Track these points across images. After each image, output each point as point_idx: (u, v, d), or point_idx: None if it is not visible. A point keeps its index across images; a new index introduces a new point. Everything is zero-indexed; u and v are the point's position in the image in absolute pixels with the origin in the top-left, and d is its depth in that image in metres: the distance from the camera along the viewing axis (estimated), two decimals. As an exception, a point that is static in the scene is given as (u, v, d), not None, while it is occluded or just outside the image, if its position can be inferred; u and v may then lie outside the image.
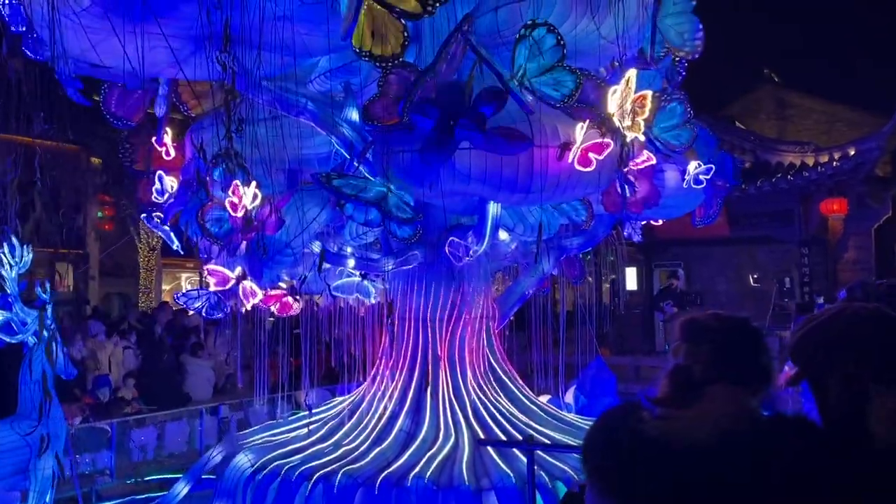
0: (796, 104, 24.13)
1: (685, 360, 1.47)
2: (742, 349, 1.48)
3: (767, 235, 14.68)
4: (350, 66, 5.51)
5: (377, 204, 4.43)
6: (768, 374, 1.46)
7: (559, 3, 4.96)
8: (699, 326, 1.50)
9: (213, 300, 6.38)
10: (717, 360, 1.44)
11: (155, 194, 6.01)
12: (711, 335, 1.48)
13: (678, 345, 1.50)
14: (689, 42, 5.55)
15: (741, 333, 1.51)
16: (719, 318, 1.52)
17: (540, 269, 6.76)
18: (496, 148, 4.14)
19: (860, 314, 1.41)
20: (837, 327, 1.41)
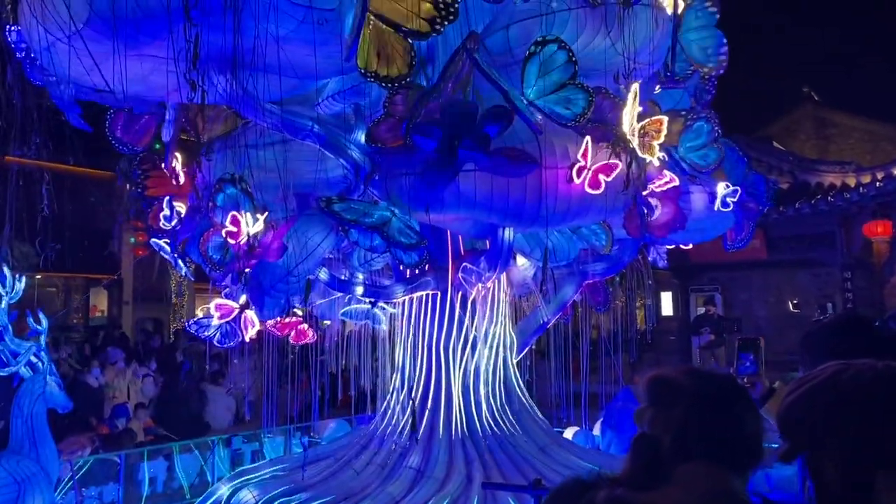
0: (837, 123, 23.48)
1: (652, 428, 1.19)
2: (723, 416, 1.18)
3: (808, 259, 14.12)
4: (359, 87, 5.35)
5: (379, 229, 4.22)
6: (756, 448, 1.17)
7: (571, 19, 4.74)
8: (669, 386, 1.22)
9: (224, 328, 6.23)
10: (692, 429, 1.16)
11: (163, 220, 5.91)
12: (684, 398, 1.19)
13: (643, 409, 1.23)
14: (712, 57, 5.28)
15: (722, 395, 1.21)
16: (695, 376, 1.23)
17: (561, 296, 6.48)
18: (500, 170, 3.92)
19: (865, 376, 1.10)
20: (834, 394, 1.11)
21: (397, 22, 4.43)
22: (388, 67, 4.47)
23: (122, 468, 6.11)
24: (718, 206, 6.13)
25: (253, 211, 4.85)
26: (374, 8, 4.45)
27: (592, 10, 4.70)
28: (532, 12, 4.85)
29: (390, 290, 5.41)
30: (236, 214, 4.70)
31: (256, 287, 4.80)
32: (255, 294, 4.87)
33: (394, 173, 4.33)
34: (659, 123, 4.43)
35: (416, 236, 4.33)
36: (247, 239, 4.67)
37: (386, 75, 4.46)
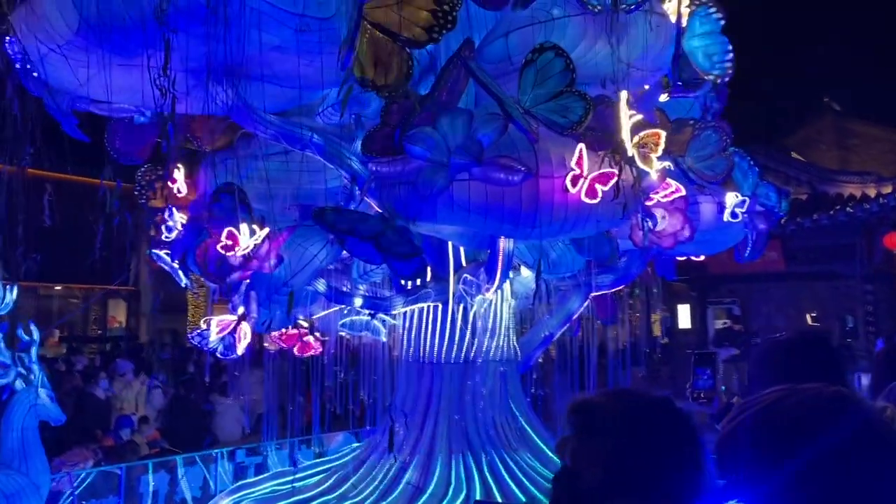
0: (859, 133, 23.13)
1: (575, 461, 1.06)
2: (655, 448, 1.06)
3: (828, 271, 13.83)
4: (359, 97, 5.31)
5: (374, 239, 4.15)
6: (695, 485, 1.05)
7: (571, 26, 4.66)
8: (594, 412, 1.09)
9: (228, 340, 6.18)
10: (620, 462, 1.03)
11: (164, 230, 5.89)
12: (612, 425, 1.07)
13: (565, 439, 1.10)
14: (718, 65, 5.16)
15: (657, 422, 1.09)
16: (624, 399, 1.10)
17: (566, 308, 6.36)
18: (492, 178, 3.83)
19: (805, 405, 0.98)
20: (770, 426, 0.99)
21: (394, 31, 4.39)
22: (385, 76, 4.41)
23: (122, 481, 6.07)
24: (728, 217, 5.99)
25: (250, 222, 4.81)
26: (371, 17, 4.40)
27: (593, 18, 4.62)
28: (531, 20, 4.78)
29: (389, 301, 5.33)
30: (232, 229, 4.65)
31: (252, 298, 4.75)
32: (251, 306, 4.81)
33: (388, 183, 4.26)
34: (657, 136, 4.31)
35: (411, 247, 4.24)
36: (243, 250, 4.62)
37: (383, 84, 4.41)
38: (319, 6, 4.29)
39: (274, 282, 4.72)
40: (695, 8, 4.98)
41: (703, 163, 5.93)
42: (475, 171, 3.82)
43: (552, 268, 5.63)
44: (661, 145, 4.29)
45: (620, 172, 3.96)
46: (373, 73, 4.42)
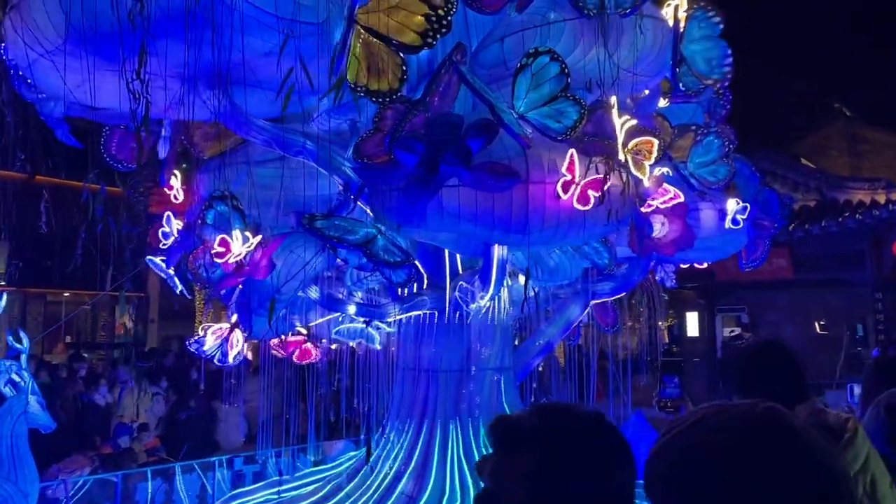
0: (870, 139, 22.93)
1: (495, 482, 0.99)
2: (581, 468, 0.99)
3: (837, 278, 13.65)
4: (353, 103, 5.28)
5: (364, 247, 4.10)
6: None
7: (567, 31, 4.61)
8: (516, 429, 1.03)
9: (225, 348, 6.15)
10: (545, 484, 0.96)
11: (161, 237, 5.87)
12: (536, 444, 0.99)
13: (483, 459, 1.04)
14: (717, 69, 5.09)
15: (585, 439, 1.02)
16: (550, 415, 1.03)
17: (566, 316, 6.29)
18: (482, 184, 3.77)
19: (730, 428, 0.91)
20: (690, 448, 0.92)
21: (388, 35, 4.35)
22: (378, 82, 4.38)
23: (118, 489, 6.03)
24: (729, 224, 5.91)
25: (244, 229, 4.77)
26: (364, 21, 4.37)
27: (589, 22, 4.57)
28: (527, 24, 4.73)
29: (384, 309, 5.28)
30: (225, 237, 4.61)
31: (244, 306, 4.71)
32: (244, 313, 4.78)
33: (379, 189, 4.21)
34: (650, 144, 4.24)
35: (401, 254, 4.19)
36: (236, 258, 4.59)
37: (376, 90, 4.37)
38: (310, 11, 4.26)
39: (266, 289, 4.68)
40: (693, 12, 4.92)
41: (705, 168, 5.87)
42: (465, 177, 3.77)
43: (550, 275, 5.56)
44: (654, 153, 4.23)
45: (607, 176, 3.89)
46: (366, 78, 4.39)
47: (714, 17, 4.96)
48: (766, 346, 2.08)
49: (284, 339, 6.63)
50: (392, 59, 4.35)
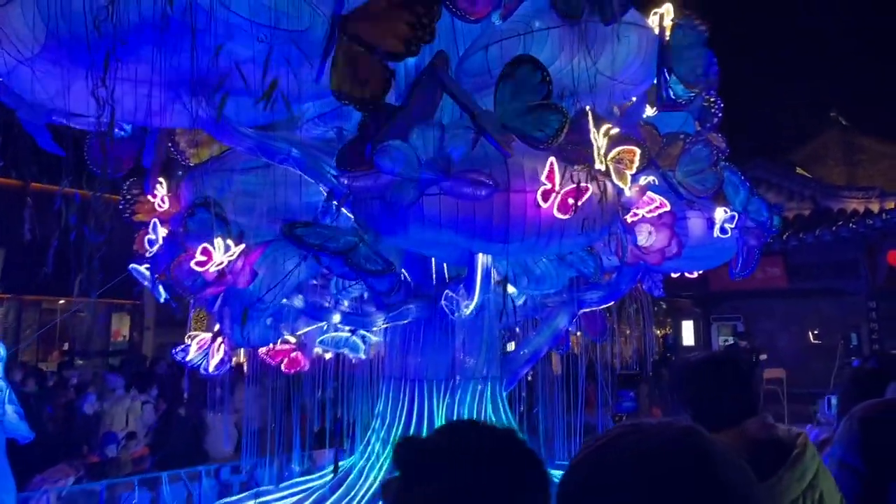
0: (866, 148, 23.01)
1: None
2: (491, 493, 0.93)
3: (831, 287, 13.63)
4: (341, 111, 5.26)
5: (345, 255, 4.07)
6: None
7: (551, 39, 4.60)
8: (422, 451, 0.98)
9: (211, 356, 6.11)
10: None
11: (146, 245, 5.84)
12: (443, 467, 0.95)
13: (388, 481, 0.99)
14: (702, 77, 5.07)
15: (492, 463, 0.96)
16: (460, 435, 0.99)
17: (555, 325, 6.26)
18: (460, 192, 3.75)
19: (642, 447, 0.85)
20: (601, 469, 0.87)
21: (372, 43, 4.33)
22: (362, 89, 4.36)
23: (102, 498, 5.98)
24: (717, 233, 5.89)
25: (227, 236, 4.75)
26: (348, 29, 4.36)
27: (573, 30, 4.55)
28: (511, 32, 4.73)
29: (370, 318, 5.24)
30: (207, 246, 4.58)
31: (226, 314, 4.68)
32: (225, 322, 4.74)
33: (361, 197, 4.19)
34: (632, 153, 4.22)
35: (383, 263, 4.16)
36: (217, 266, 4.55)
37: (361, 97, 4.35)
38: (291, 19, 4.24)
39: (248, 297, 4.65)
40: (678, 21, 4.90)
41: (693, 177, 5.85)
42: (444, 186, 3.74)
43: (536, 283, 5.53)
44: (636, 161, 4.20)
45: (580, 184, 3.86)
46: (350, 86, 4.36)
47: (699, 25, 4.94)
48: (717, 359, 2.04)
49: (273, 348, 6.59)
50: (376, 67, 4.33)
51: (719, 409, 1.86)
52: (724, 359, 2.03)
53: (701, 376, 1.93)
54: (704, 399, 1.89)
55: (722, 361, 2.00)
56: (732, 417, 1.83)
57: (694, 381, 1.93)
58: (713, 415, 1.85)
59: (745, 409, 1.86)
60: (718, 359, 2.03)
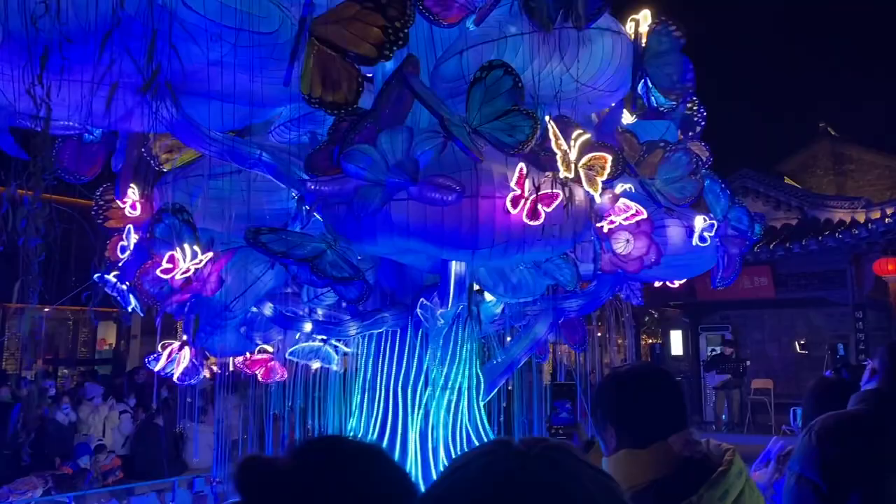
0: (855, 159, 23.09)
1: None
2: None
3: (818, 297, 13.60)
4: (314, 115, 5.18)
5: (310, 261, 3.98)
6: None
7: (525, 44, 4.54)
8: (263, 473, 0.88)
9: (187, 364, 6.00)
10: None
11: (119, 251, 5.74)
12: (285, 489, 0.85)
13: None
14: (678, 84, 5.02)
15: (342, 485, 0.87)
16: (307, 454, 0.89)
17: (533, 333, 6.18)
18: (426, 198, 3.67)
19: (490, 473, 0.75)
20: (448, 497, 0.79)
21: (343, 47, 4.27)
22: (333, 94, 4.28)
23: (69, 511, 5.86)
24: (696, 241, 5.83)
25: (194, 243, 4.65)
26: (319, 32, 4.29)
27: (547, 35, 4.50)
28: (485, 37, 4.67)
29: (343, 326, 5.15)
30: (174, 253, 4.49)
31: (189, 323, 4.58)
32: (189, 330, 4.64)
33: (330, 202, 4.11)
34: (604, 160, 4.15)
35: (350, 270, 4.08)
36: (183, 274, 4.46)
37: (331, 102, 4.28)
38: (260, 21, 4.17)
39: (214, 305, 4.55)
40: (654, 27, 4.86)
41: (673, 185, 5.79)
42: (411, 191, 3.67)
43: (513, 292, 5.45)
44: (607, 168, 4.13)
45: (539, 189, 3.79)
46: (321, 90, 4.29)
47: (675, 31, 4.90)
48: (643, 371, 1.96)
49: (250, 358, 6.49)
50: (347, 71, 4.26)
51: (645, 423, 1.78)
52: (651, 371, 1.95)
53: (626, 389, 1.85)
54: (629, 413, 1.81)
55: (648, 374, 1.92)
56: (658, 432, 1.75)
57: (619, 394, 1.85)
58: (638, 430, 1.77)
59: (672, 423, 1.78)
60: (645, 371, 1.94)
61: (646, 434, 1.75)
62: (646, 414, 1.78)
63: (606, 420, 1.82)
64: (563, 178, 3.89)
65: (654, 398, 1.80)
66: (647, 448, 1.73)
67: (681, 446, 1.72)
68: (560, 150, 3.92)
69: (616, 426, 1.80)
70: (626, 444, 1.76)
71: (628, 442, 1.77)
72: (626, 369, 1.91)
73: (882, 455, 1.94)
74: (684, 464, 1.69)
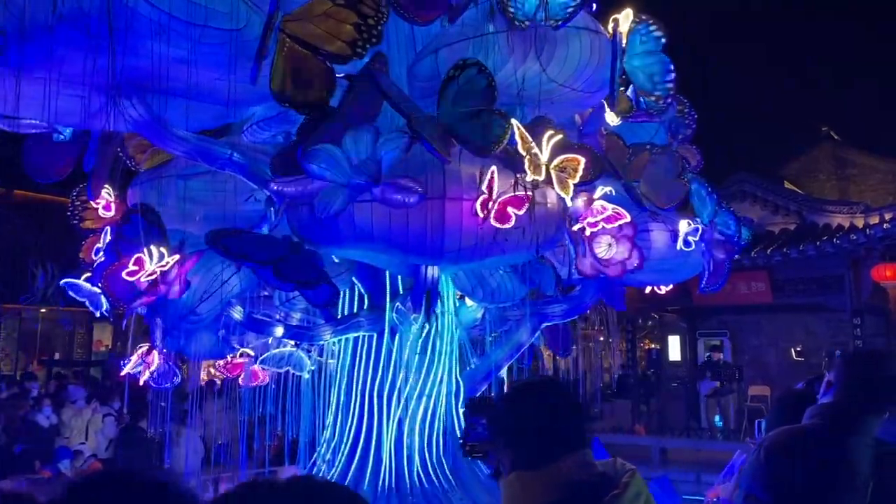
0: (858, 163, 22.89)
1: None
2: None
3: (817, 303, 13.43)
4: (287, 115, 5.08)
5: (272, 265, 3.87)
6: None
7: (501, 43, 4.42)
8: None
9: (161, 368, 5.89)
10: None
11: (93, 253, 5.64)
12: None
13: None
14: (659, 85, 4.89)
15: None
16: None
17: (515, 339, 6.05)
18: (388, 200, 3.55)
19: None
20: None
21: (315, 44, 4.17)
22: (304, 92, 4.18)
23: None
24: (681, 245, 5.71)
25: (162, 244, 4.55)
26: (290, 30, 4.19)
27: (523, 34, 4.39)
28: (461, 36, 4.56)
29: (317, 331, 5.04)
30: (140, 255, 4.39)
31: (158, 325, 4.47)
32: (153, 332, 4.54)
33: (295, 204, 4.00)
34: (576, 161, 4.02)
35: (314, 273, 3.96)
36: (148, 276, 4.35)
37: (303, 101, 4.18)
38: (227, 17, 4.07)
39: (180, 308, 4.44)
40: (634, 25, 4.73)
41: (658, 188, 5.68)
42: (374, 193, 3.56)
43: (492, 296, 5.33)
44: (579, 171, 4.00)
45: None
46: (292, 88, 4.19)
47: (656, 30, 4.77)
48: (535, 389, 1.83)
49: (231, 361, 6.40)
50: (319, 69, 4.16)
51: (535, 445, 1.66)
52: (544, 387, 1.82)
53: (516, 408, 1.73)
54: (520, 434, 1.69)
55: (540, 390, 1.79)
56: (550, 454, 1.63)
57: (509, 413, 1.73)
58: (528, 452, 1.66)
59: (565, 444, 1.65)
60: (537, 387, 1.81)
61: (537, 456, 1.64)
62: (537, 434, 1.66)
63: (500, 441, 1.71)
64: (533, 180, 3.76)
65: (546, 417, 1.68)
66: (538, 471, 1.62)
67: (571, 469, 1.61)
68: (528, 153, 3.79)
69: (508, 447, 1.69)
70: (519, 466, 1.65)
71: (521, 464, 1.66)
72: (519, 386, 1.80)
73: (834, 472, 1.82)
74: (577, 487, 1.58)
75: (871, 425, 2.00)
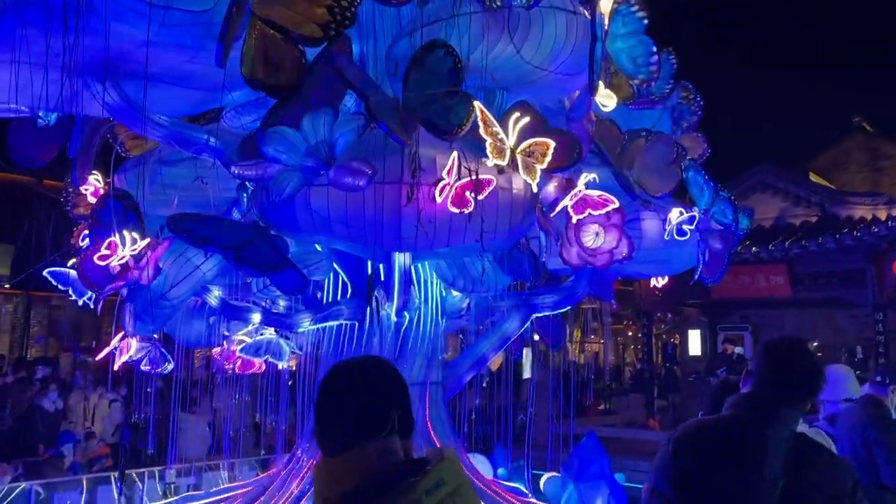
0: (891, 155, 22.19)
1: None
2: None
3: (838, 297, 13.05)
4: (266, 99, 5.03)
5: (233, 249, 3.82)
6: None
7: (475, 24, 4.31)
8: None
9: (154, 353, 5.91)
10: None
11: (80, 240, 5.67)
12: None
13: None
14: (643, 67, 4.73)
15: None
16: None
17: (503, 330, 5.94)
18: (340, 183, 3.48)
19: None
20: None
21: (286, 27, 4.10)
22: (276, 76, 4.12)
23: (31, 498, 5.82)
24: (672, 234, 5.54)
25: (137, 229, 4.54)
26: (261, 12, 4.12)
27: (496, 15, 4.27)
28: (435, 17, 4.46)
29: (295, 319, 4.99)
30: (113, 239, 4.38)
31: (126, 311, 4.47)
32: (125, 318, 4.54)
33: (259, 189, 3.95)
34: (545, 146, 3.89)
35: (277, 258, 3.90)
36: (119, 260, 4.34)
37: (273, 84, 4.12)
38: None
39: (151, 294, 4.43)
40: (616, 6, 4.57)
41: (651, 175, 5.51)
42: (327, 175, 3.48)
43: (474, 285, 5.23)
44: (548, 156, 3.87)
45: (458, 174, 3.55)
46: (263, 72, 4.13)
47: (638, 11, 4.61)
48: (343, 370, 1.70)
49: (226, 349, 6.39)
50: (290, 53, 4.09)
51: (338, 429, 1.58)
52: (352, 369, 1.70)
53: (322, 391, 1.65)
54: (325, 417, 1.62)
55: (347, 372, 1.68)
56: (354, 439, 1.54)
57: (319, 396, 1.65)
58: (332, 436, 1.58)
59: (370, 429, 1.56)
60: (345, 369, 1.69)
61: (340, 441, 1.56)
62: (340, 418, 1.58)
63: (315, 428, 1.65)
64: (495, 165, 3.65)
65: (349, 400, 1.59)
66: (341, 456, 1.54)
67: (375, 456, 1.52)
68: (490, 136, 3.68)
69: (316, 435, 1.62)
70: (327, 453, 1.58)
71: (328, 449, 1.58)
72: (334, 367, 1.70)
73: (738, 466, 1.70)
74: (377, 475, 1.49)
75: (786, 417, 1.88)
